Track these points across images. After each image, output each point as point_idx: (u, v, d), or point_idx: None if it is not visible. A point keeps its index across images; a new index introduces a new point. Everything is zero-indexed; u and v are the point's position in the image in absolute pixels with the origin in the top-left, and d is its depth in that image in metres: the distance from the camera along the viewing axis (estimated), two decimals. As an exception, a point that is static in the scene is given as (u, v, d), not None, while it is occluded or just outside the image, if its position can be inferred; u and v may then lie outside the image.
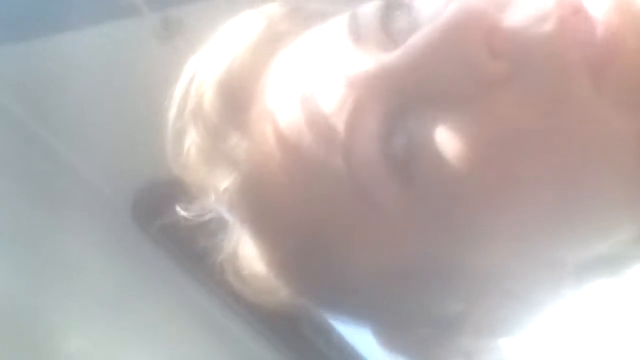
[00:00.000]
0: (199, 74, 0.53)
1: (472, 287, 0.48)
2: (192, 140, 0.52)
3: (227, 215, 0.53)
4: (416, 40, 0.44)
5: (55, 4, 1.41)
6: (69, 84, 1.46)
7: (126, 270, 1.28)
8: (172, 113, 0.53)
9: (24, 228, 1.15)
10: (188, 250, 1.49)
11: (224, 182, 0.50)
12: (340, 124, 0.45)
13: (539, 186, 0.43)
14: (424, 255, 0.46)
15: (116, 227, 1.29)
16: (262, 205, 0.49)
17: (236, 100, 0.50)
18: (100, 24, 1.42)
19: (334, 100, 0.45)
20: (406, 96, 0.44)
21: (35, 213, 1.18)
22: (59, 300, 1.12)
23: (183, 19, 1.36)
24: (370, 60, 0.45)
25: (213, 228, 0.56)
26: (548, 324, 0.52)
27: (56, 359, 1.09)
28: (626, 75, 0.42)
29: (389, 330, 0.52)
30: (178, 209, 0.55)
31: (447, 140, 0.43)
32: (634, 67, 0.42)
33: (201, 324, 1.40)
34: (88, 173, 1.53)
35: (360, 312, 0.53)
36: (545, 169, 0.43)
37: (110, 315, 1.21)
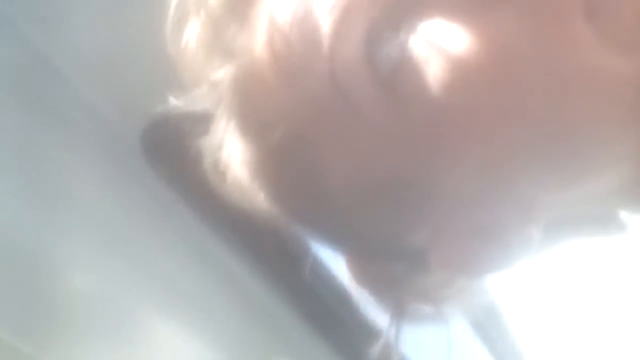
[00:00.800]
0: None
1: (438, 213, 0.49)
2: (193, 29, 0.53)
3: (220, 105, 0.54)
4: None
5: None
6: (82, 7, 1.42)
7: (133, 204, 1.25)
8: (173, 1, 0.55)
9: (28, 157, 1.11)
10: (196, 185, 1.46)
11: (218, 72, 0.52)
12: (328, 25, 0.46)
13: (518, 114, 0.44)
14: (396, 167, 0.47)
15: (123, 158, 1.26)
16: (249, 97, 0.50)
17: None
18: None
19: (326, 2, 0.46)
20: (399, 4, 0.45)
21: (43, 144, 1.14)
22: (61, 233, 1.10)
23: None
24: None
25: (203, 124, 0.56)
26: (520, 273, 0.54)
27: (59, 294, 1.08)
28: (622, 13, 0.43)
29: (360, 259, 0.53)
30: (171, 100, 0.57)
31: (434, 54, 0.44)
32: (631, 6, 0.43)
33: (204, 260, 1.38)
34: (99, 103, 1.49)
35: (334, 231, 0.54)
36: (526, 97, 0.44)
37: (116, 251, 1.19)
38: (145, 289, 1.26)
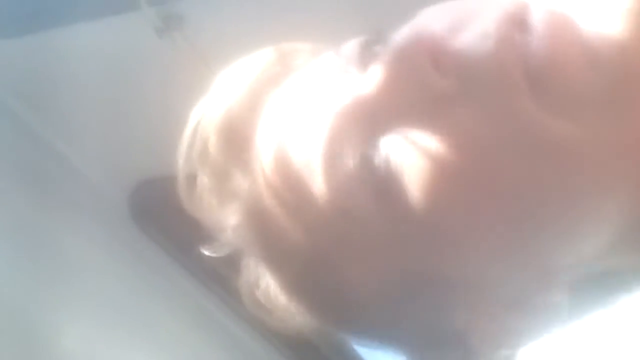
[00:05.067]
0: (202, 121, 0.57)
1: (467, 296, 0.51)
2: (202, 183, 0.57)
3: (243, 247, 0.58)
4: (375, 66, 0.48)
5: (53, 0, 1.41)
6: (67, 79, 1.46)
7: (124, 267, 1.28)
8: (181, 159, 0.58)
9: (20, 223, 1.14)
10: (184, 246, 1.49)
11: (234, 218, 0.55)
12: (318, 155, 0.49)
13: (504, 197, 0.46)
14: (413, 268, 0.50)
15: (113, 223, 1.29)
16: (265, 235, 0.54)
17: (236, 142, 0.55)
18: (99, 18, 1.42)
19: (312, 134, 0.50)
20: (375, 120, 0.48)
21: (33, 209, 1.18)
22: (55, 298, 1.12)
23: (182, 13, 1.36)
24: (345, 92, 0.49)
25: (232, 257, 0.60)
26: (556, 336, 0.55)
27: (53, 357, 1.09)
28: (564, 84, 0.44)
29: (416, 352, 0.56)
30: (204, 250, 0.61)
31: (414, 157, 0.47)
32: (571, 76, 0.44)
33: (198, 322, 1.40)
34: (85, 168, 1.52)
35: (375, 333, 0.57)
36: (502, 181, 0.46)
37: (108, 313, 1.21)
38: (138, 353, 1.28)
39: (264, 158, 0.52)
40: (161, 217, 1.51)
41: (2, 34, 1.45)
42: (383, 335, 0.56)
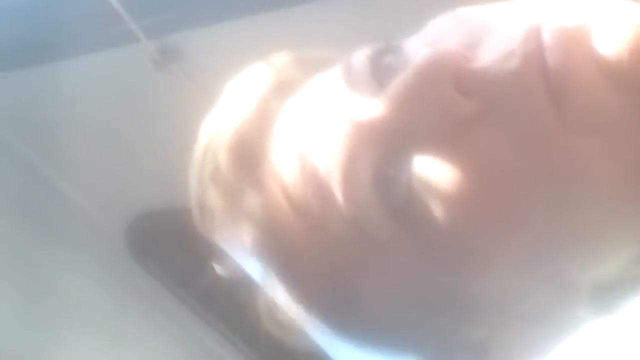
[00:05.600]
0: (213, 138, 0.56)
1: (488, 312, 0.50)
2: (214, 201, 0.55)
3: (259, 267, 0.56)
4: (394, 86, 0.47)
5: (52, 32, 1.41)
6: (65, 112, 1.46)
7: (122, 302, 1.27)
8: (193, 177, 0.57)
9: (19, 259, 1.14)
10: (182, 278, 1.49)
11: (248, 237, 0.54)
12: (335, 176, 0.48)
13: (524, 218, 0.46)
14: (432, 287, 0.49)
15: (111, 256, 1.28)
16: (283, 254, 0.53)
17: (248, 159, 0.54)
18: (97, 51, 1.42)
19: (328, 154, 0.48)
20: (393, 142, 0.47)
21: (32, 244, 1.17)
22: (54, 333, 1.11)
23: (180, 46, 1.36)
24: (360, 110, 0.48)
25: (241, 281, 0.59)
26: (575, 349, 0.55)
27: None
28: (584, 101, 0.44)
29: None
30: (216, 267, 0.60)
31: (433, 181, 0.46)
32: (591, 93, 0.44)
33: (197, 355, 1.39)
34: (84, 202, 1.52)
35: (395, 347, 0.56)
36: (529, 201, 0.45)
37: (108, 347, 1.20)
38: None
39: (278, 176, 0.51)
40: (159, 250, 1.51)
41: (1, 67, 1.45)
42: (397, 347, 0.55)
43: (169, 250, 1.38)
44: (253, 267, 0.57)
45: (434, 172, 0.46)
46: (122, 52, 1.41)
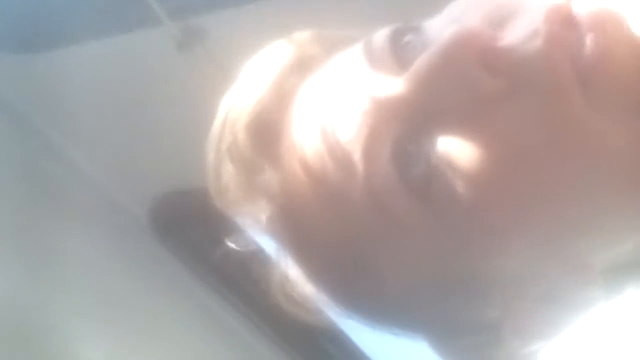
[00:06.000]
0: (231, 112, 0.56)
1: (503, 292, 0.51)
2: (230, 176, 0.55)
3: (272, 243, 0.57)
4: (418, 64, 0.47)
5: (77, 15, 1.42)
6: (89, 93, 1.47)
7: (141, 279, 1.28)
8: (210, 152, 0.57)
9: (40, 240, 1.15)
10: (203, 257, 1.50)
11: (264, 213, 0.54)
12: (357, 151, 0.48)
13: (546, 197, 0.46)
14: (449, 265, 0.50)
15: (132, 236, 1.30)
16: (299, 230, 0.53)
17: (266, 134, 0.54)
18: (122, 32, 1.43)
19: (349, 129, 0.49)
20: (416, 119, 0.47)
21: (52, 224, 1.19)
22: (73, 310, 1.13)
23: (204, 27, 1.37)
24: (381, 87, 0.48)
25: (258, 256, 0.60)
26: (585, 329, 0.55)
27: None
28: (615, 85, 0.44)
29: (441, 340, 0.55)
30: (228, 243, 0.60)
31: (457, 158, 0.46)
32: (623, 76, 0.44)
33: (215, 330, 1.40)
34: (106, 183, 1.53)
35: (407, 323, 0.56)
36: (550, 180, 0.46)
37: (125, 323, 1.22)
38: (155, 358, 1.28)
39: (297, 152, 0.51)
40: (181, 230, 1.52)
41: (28, 48, 1.46)
42: (408, 325, 0.56)
43: (190, 230, 1.39)
44: (269, 244, 0.57)
45: (456, 149, 0.46)
46: (146, 34, 1.41)
